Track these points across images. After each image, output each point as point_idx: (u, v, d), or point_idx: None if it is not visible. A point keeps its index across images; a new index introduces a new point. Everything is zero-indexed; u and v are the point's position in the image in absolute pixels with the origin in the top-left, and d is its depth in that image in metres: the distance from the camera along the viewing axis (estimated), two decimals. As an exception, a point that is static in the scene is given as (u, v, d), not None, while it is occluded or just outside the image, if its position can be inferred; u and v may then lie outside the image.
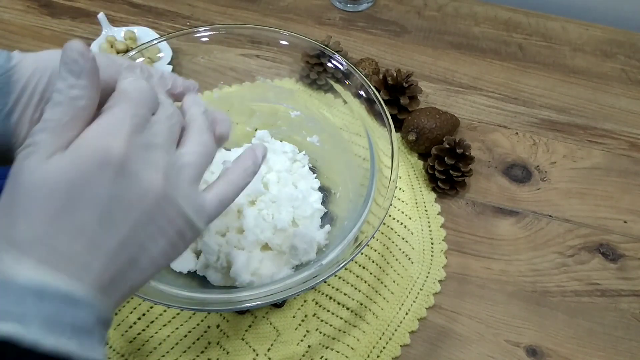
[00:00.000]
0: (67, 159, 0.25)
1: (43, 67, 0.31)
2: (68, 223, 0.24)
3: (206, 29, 0.53)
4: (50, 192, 0.24)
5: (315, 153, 0.58)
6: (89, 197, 0.25)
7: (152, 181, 0.27)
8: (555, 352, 0.50)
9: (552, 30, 0.78)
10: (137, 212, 0.26)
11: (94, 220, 0.25)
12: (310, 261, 0.49)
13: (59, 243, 0.24)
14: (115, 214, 0.25)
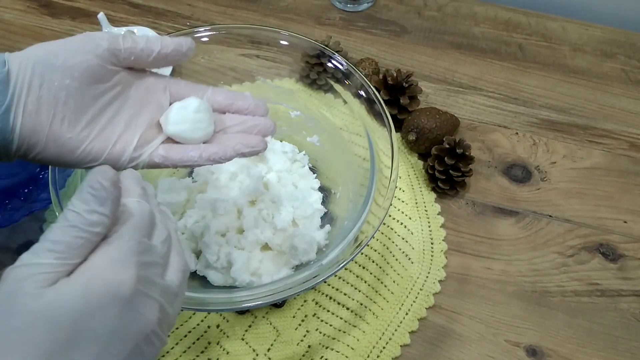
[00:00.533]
0: (76, 289, 0.23)
1: (25, 63, 0.32)
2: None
3: (206, 29, 0.53)
4: (53, 325, 0.22)
5: (315, 153, 0.58)
6: (93, 332, 0.23)
7: (151, 315, 0.26)
8: (555, 352, 0.50)
9: (552, 30, 0.78)
10: (132, 345, 0.25)
11: (93, 356, 0.23)
12: (310, 261, 0.49)
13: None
14: (112, 349, 0.24)
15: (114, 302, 0.24)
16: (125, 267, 0.25)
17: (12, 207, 0.54)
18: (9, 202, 0.54)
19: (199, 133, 0.37)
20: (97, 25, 0.72)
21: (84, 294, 0.23)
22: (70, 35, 0.64)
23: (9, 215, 0.53)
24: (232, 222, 0.51)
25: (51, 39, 0.33)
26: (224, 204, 0.50)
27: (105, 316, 0.24)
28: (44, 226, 0.55)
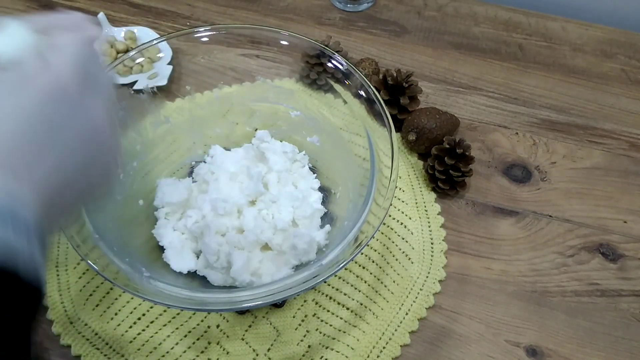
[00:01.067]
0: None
1: None
2: (27, 127, 0.26)
3: (206, 29, 0.53)
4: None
5: (315, 153, 0.58)
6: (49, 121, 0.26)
7: (97, 112, 0.29)
8: (555, 352, 0.50)
9: (552, 30, 0.78)
10: (85, 138, 0.29)
11: (47, 132, 0.26)
12: (310, 261, 0.49)
13: (13, 144, 0.25)
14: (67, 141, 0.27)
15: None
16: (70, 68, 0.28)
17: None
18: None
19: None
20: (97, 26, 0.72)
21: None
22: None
23: (9, 215, 0.53)
24: (232, 222, 0.51)
25: (51, 39, 0.33)
26: (224, 204, 0.50)
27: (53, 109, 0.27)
28: (44, 226, 0.55)
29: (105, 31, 0.71)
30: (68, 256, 0.53)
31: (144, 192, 0.54)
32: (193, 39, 0.53)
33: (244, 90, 0.58)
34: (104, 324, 0.49)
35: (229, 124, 0.60)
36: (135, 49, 0.53)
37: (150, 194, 0.54)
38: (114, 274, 0.39)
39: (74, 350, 0.48)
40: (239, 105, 0.59)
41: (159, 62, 0.63)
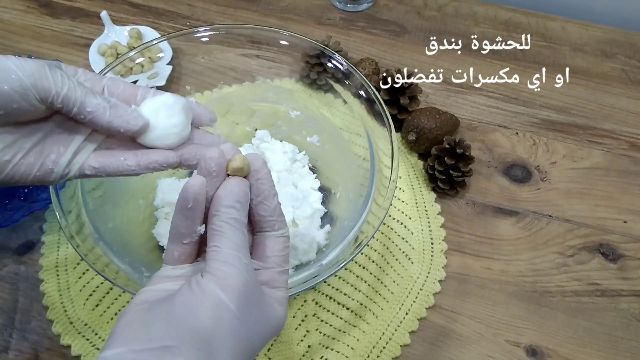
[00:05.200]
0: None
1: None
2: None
3: (206, 29, 0.53)
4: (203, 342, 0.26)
5: (315, 153, 0.58)
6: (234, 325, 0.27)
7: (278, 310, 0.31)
8: (555, 352, 0.50)
9: (552, 30, 0.78)
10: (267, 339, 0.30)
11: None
12: (310, 261, 0.49)
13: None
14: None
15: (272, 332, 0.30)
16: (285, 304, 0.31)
17: (12, 207, 0.54)
18: (9, 202, 0.54)
19: (173, 138, 0.33)
20: (97, 26, 0.72)
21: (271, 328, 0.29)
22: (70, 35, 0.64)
23: (9, 215, 0.53)
24: (232, 222, 0.50)
25: (51, 39, 0.33)
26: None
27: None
28: (44, 226, 0.55)
29: (107, 30, 0.71)
30: (68, 256, 0.53)
31: (144, 192, 0.54)
32: (193, 39, 0.53)
33: (244, 90, 0.58)
34: (104, 324, 0.49)
35: (229, 124, 0.60)
36: (135, 49, 0.52)
37: (150, 194, 0.54)
38: (114, 273, 0.39)
39: (74, 350, 0.48)
40: (239, 105, 0.59)
41: (159, 62, 0.63)
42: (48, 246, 0.54)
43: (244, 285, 0.27)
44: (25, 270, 0.52)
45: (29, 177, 0.32)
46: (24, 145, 0.32)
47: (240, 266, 0.28)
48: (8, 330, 0.49)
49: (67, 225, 0.41)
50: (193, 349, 0.25)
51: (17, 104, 0.29)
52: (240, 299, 0.27)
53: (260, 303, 0.29)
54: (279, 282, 0.31)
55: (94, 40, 0.70)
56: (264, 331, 0.29)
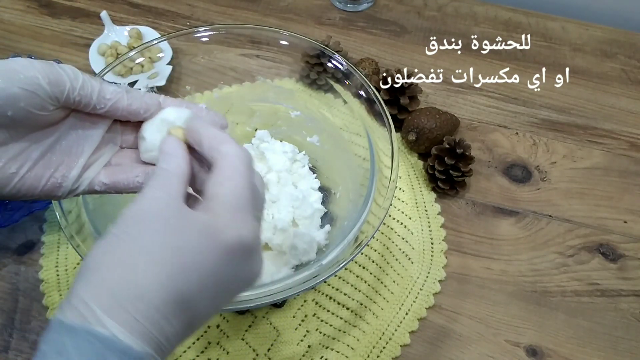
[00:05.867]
0: (210, 235, 0.26)
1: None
2: (186, 293, 0.25)
3: (206, 29, 0.53)
4: (177, 250, 0.25)
5: (315, 153, 0.58)
6: (215, 274, 0.26)
7: (259, 267, 0.29)
8: (555, 352, 0.50)
9: (552, 30, 0.78)
10: (236, 292, 0.28)
11: (207, 295, 0.26)
12: (310, 261, 0.49)
13: (168, 311, 0.24)
14: (225, 292, 0.27)
15: (237, 252, 0.26)
16: (245, 216, 0.27)
17: (12, 207, 0.54)
18: (9, 202, 0.54)
19: None
20: (97, 26, 0.72)
21: (211, 244, 0.26)
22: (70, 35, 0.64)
23: (9, 215, 0.53)
24: (232, 222, 0.50)
25: (51, 39, 0.33)
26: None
27: (227, 264, 0.26)
28: (44, 226, 0.55)
29: (107, 30, 0.71)
30: (68, 256, 0.53)
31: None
32: (193, 39, 0.53)
33: (244, 90, 0.58)
34: (104, 324, 0.49)
35: (229, 124, 0.60)
36: (135, 49, 0.52)
37: (150, 194, 0.54)
38: (114, 274, 0.39)
39: (74, 350, 0.48)
40: (239, 105, 0.59)
41: (159, 62, 0.63)
42: (48, 246, 0.54)
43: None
44: (25, 270, 0.52)
45: (35, 191, 0.31)
46: (31, 156, 0.30)
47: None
48: (8, 330, 0.49)
49: (67, 225, 0.41)
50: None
51: (27, 104, 0.28)
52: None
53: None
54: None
55: (94, 40, 0.70)
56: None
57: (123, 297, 0.23)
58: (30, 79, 0.28)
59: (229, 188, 0.27)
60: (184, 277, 0.25)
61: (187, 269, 0.25)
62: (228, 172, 0.28)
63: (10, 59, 0.29)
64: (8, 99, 0.27)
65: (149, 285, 0.24)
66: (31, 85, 0.28)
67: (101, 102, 0.31)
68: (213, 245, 0.26)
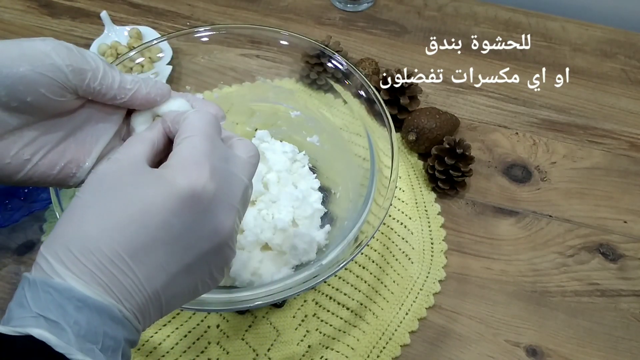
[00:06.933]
0: (159, 189, 0.26)
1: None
2: (135, 238, 0.25)
3: (206, 29, 0.53)
4: (129, 203, 0.25)
5: (315, 153, 0.58)
6: (168, 227, 0.26)
7: (227, 222, 0.28)
8: (555, 352, 0.50)
9: (552, 30, 0.78)
10: (204, 248, 0.27)
11: (162, 249, 0.26)
12: (310, 261, 0.49)
13: (120, 262, 0.25)
14: (182, 248, 0.26)
15: (189, 202, 0.26)
16: (199, 166, 0.27)
17: (12, 207, 0.54)
18: (9, 202, 0.54)
19: None
20: (97, 26, 0.72)
21: (160, 193, 0.26)
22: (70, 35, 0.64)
23: (9, 215, 0.53)
24: (232, 222, 0.50)
25: (51, 39, 0.32)
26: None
27: (179, 215, 0.26)
28: (44, 226, 0.55)
29: (107, 30, 0.71)
30: (68, 256, 0.53)
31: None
32: (193, 39, 0.53)
33: (244, 90, 0.58)
34: (104, 324, 0.49)
35: (229, 124, 0.60)
36: (135, 49, 0.52)
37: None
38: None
39: (74, 350, 0.48)
40: (239, 105, 0.59)
41: (159, 62, 0.63)
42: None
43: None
44: (26, 270, 0.52)
45: (48, 179, 0.31)
46: (45, 144, 0.30)
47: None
48: (8, 330, 0.49)
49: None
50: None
51: (47, 90, 0.28)
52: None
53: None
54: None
55: (94, 40, 0.70)
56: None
57: (76, 249, 0.24)
58: (53, 66, 0.28)
59: (184, 143, 0.28)
60: (133, 228, 0.25)
61: (135, 220, 0.25)
62: (187, 131, 0.28)
63: (38, 40, 0.28)
64: (29, 85, 0.27)
65: (98, 236, 0.24)
66: (53, 72, 0.28)
67: (122, 92, 0.31)
68: (162, 195, 0.26)
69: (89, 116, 0.32)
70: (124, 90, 0.31)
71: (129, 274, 0.25)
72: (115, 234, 0.25)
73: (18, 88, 0.27)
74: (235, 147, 0.31)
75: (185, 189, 0.26)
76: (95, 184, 0.27)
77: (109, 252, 0.24)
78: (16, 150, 0.29)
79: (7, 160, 0.29)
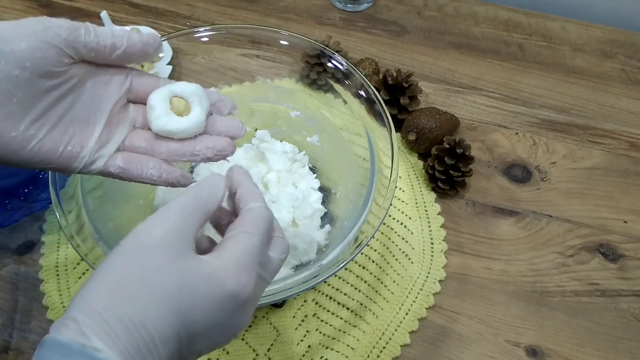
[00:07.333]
0: (207, 281, 0.27)
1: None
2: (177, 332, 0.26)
3: (206, 29, 0.53)
4: (174, 300, 0.26)
5: (315, 153, 0.58)
6: (207, 321, 0.27)
7: (250, 312, 0.29)
8: (555, 352, 0.50)
9: (552, 30, 0.78)
10: (222, 338, 0.29)
11: (198, 339, 0.27)
12: (310, 261, 0.49)
13: (158, 347, 0.25)
14: (207, 334, 0.27)
15: (230, 302, 0.27)
16: (248, 273, 0.28)
17: (12, 207, 0.54)
18: (9, 202, 0.54)
19: (189, 131, 0.34)
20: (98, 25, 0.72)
21: (209, 292, 0.27)
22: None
23: (9, 215, 0.53)
24: (232, 222, 0.50)
25: (51, 39, 0.33)
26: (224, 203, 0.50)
27: (218, 312, 0.27)
28: (44, 226, 0.55)
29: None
30: (68, 256, 0.53)
31: (144, 192, 0.54)
32: (193, 39, 0.53)
33: (244, 90, 0.58)
34: (104, 324, 0.49)
35: (229, 124, 0.60)
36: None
37: (150, 194, 0.54)
38: (114, 274, 0.39)
39: (74, 350, 0.48)
40: (239, 105, 0.59)
41: (159, 62, 0.63)
42: (48, 246, 0.54)
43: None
44: (25, 270, 0.52)
45: (53, 158, 0.31)
46: (49, 119, 0.31)
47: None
48: (8, 330, 0.49)
49: (67, 225, 0.41)
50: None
51: (44, 55, 0.29)
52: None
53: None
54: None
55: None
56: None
57: (126, 322, 0.24)
58: (49, 29, 0.29)
59: (242, 243, 0.29)
60: (185, 313, 0.26)
61: (187, 306, 0.26)
62: (247, 227, 0.29)
63: (28, 19, 0.30)
64: (26, 52, 0.28)
65: (141, 318, 0.24)
66: (50, 36, 0.29)
67: (119, 40, 0.32)
68: (210, 295, 0.27)
69: (90, 89, 0.33)
70: (119, 38, 0.32)
71: (175, 355, 0.26)
72: (171, 317, 0.25)
73: (18, 56, 0.28)
74: (273, 246, 0.32)
75: (232, 292, 0.27)
76: (144, 250, 0.27)
77: (162, 332, 0.25)
78: (22, 124, 0.30)
79: (13, 133, 0.29)
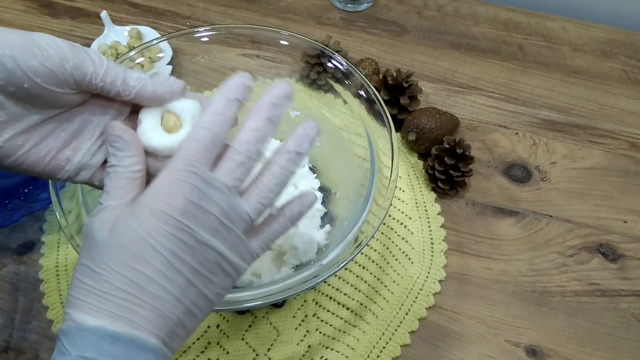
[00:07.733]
0: (132, 218, 0.27)
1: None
2: (136, 276, 0.27)
3: (206, 29, 0.53)
4: (120, 247, 0.27)
5: (315, 153, 0.58)
6: (152, 252, 0.27)
7: (205, 237, 0.29)
8: (555, 352, 0.50)
9: (552, 30, 0.78)
10: (193, 266, 0.28)
11: (158, 273, 0.27)
12: (310, 261, 0.49)
13: (130, 295, 0.27)
14: (174, 266, 0.28)
15: (165, 225, 0.27)
16: (171, 197, 0.28)
17: (12, 207, 0.54)
18: (9, 202, 0.54)
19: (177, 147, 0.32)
20: (97, 26, 0.72)
21: (138, 220, 0.27)
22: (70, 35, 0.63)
23: (9, 215, 0.53)
24: (232, 222, 0.50)
25: (51, 39, 0.32)
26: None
27: (159, 237, 0.27)
28: (44, 226, 0.55)
29: (107, 30, 0.71)
30: (68, 256, 0.53)
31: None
32: (193, 39, 0.53)
33: (244, 90, 0.58)
34: (104, 324, 0.49)
35: (229, 124, 0.60)
36: (135, 49, 0.52)
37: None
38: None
39: (74, 350, 0.48)
40: (239, 105, 0.59)
41: (159, 62, 0.63)
42: (48, 246, 0.54)
43: None
44: (25, 270, 0.52)
45: (37, 169, 0.31)
46: (41, 134, 0.30)
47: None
48: (8, 330, 0.49)
49: (67, 225, 0.41)
50: None
51: (44, 81, 0.28)
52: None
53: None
54: None
55: (94, 40, 0.70)
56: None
57: (99, 294, 0.27)
58: (52, 57, 0.28)
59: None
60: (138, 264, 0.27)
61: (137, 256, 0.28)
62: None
63: (36, 33, 0.28)
64: (25, 73, 0.27)
65: (113, 278, 0.27)
66: (52, 64, 0.28)
67: (126, 90, 0.31)
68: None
69: (92, 112, 0.32)
70: (127, 87, 0.31)
71: (146, 305, 0.27)
72: (127, 273, 0.27)
73: (16, 73, 0.27)
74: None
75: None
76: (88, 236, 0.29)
77: (124, 290, 0.27)
78: (10, 134, 0.29)
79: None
